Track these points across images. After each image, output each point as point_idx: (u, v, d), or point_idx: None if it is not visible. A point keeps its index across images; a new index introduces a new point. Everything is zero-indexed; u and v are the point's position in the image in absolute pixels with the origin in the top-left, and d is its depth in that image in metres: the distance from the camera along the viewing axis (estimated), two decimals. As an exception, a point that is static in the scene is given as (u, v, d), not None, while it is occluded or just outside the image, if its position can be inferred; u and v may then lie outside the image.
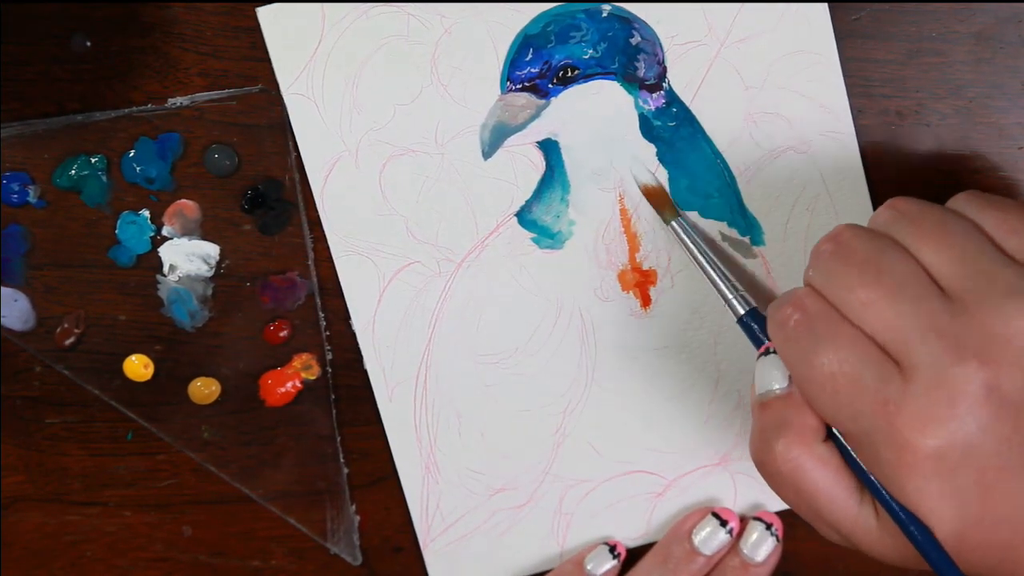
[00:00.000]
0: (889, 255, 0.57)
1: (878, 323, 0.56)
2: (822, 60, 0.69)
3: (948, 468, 0.54)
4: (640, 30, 0.70)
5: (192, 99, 0.72)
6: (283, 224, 0.73)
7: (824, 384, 0.57)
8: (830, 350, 0.57)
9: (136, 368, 0.75)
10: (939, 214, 0.59)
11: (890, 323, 0.56)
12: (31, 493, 0.78)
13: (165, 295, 0.74)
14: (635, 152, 0.71)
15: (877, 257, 0.57)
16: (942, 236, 0.57)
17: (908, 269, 0.57)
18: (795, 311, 0.59)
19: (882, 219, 0.60)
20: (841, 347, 0.56)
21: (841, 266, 0.58)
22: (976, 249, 0.57)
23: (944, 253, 0.57)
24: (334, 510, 0.77)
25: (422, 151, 0.72)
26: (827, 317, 0.57)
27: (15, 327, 0.75)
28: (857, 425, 0.56)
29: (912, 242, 0.58)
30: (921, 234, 0.58)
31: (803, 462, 0.60)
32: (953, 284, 0.56)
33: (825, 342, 0.57)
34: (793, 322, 0.59)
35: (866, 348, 0.56)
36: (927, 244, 0.57)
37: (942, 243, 0.57)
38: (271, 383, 0.75)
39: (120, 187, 0.73)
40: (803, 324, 0.58)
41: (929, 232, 0.58)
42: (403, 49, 0.71)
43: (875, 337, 0.56)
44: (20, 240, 0.74)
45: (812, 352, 0.57)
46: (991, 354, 0.54)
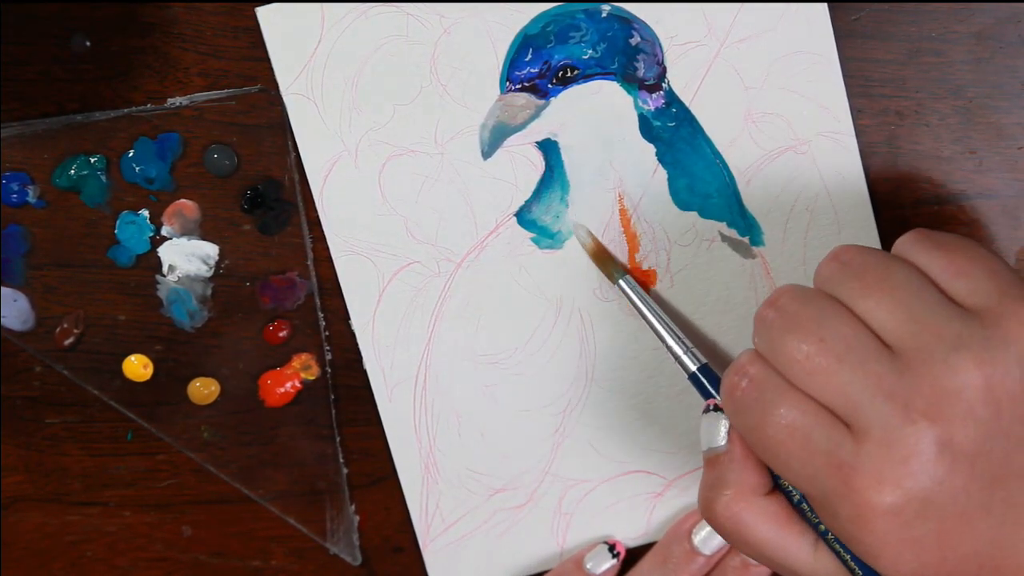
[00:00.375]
0: (831, 319, 0.57)
1: (825, 389, 0.56)
2: (822, 60, 0.69)
3: (905, 521, 0.54)
4: (640, 30, 0.70)
5: (191, 99, 0.72)
6: (283, 224, 0.73)
7: (777, 450, 0.57)
8: (779, 417, 0.57)
9: (135, 368, 0.75)
10: (883, 266, 0.59)
11: (837, 389, 0.56)
12: (31, 493, 0.78)
13: (164, 295, 0.74)
14: (635, 152, 0.71)
15: (819, 322, 0.57)
16: (886, 290, 0.57)
17: (851, 331, 0.57)
18: (742, 378, 0.59)
19: (826, 273, 0.60)
20: (789, 414, 0.57)
21: (784, 334, 0.58)
22: (921, 301, 0.57)
23: (888, 308, 0.57)
24: (334, 510, 0.77)
25: (421, 151, 0.72)
26: (774, 384, 0.58)
27: (15, 327, 0.75)
28: (813, 487, 0.57)
29: (856, 298, 0.58)
30: (864, 289, 0.58)
31: (745, 517, 0.61)
32: (898, 340, 0.56)
33: (773, 409, 0.57)
34: (741, 390, 0.59)
35: (815, 413, 0.56)
36: (870, 299, 0.57)
37: (886, 297, 0.57)
38: (270, 383, 0.75)
39: (119, 187, 0.73)
40: (751, 391, 0.58)
41: (873, 286, 0.58)
42: (403, 49, 0.71)
43: (823, 402, 0.56)
44: (20, 240, 0.74)
45: (762, 419, 0.58)
46: (941, 410, 0.54)
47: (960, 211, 0.71)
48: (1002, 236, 0.71)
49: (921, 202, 0.71)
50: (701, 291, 0.73)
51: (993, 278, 0.58)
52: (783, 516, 0.61)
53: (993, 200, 0.71)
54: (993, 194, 0.71)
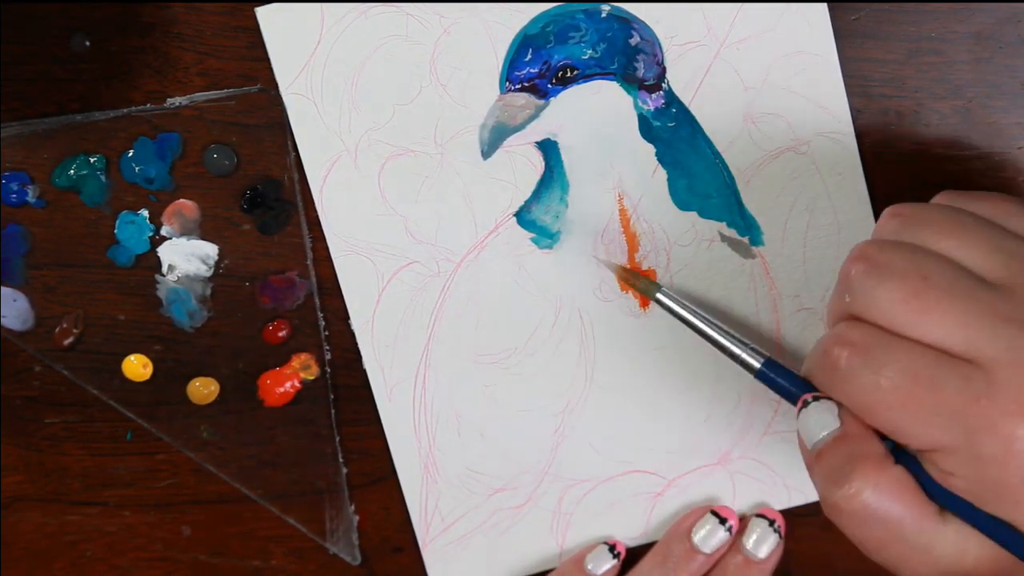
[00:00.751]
0: (926, 258, 0.56)
1: (940, 329, 0.54)
2: (821, 60, 0.70)
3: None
4: (639, 30, 0.70)
5: (191, 99, 0.72)
6: (282, 224, 0.73)
7: (902, 408, 0.55)
8: (898, 371, 0.55)
9: (135, 368, 0.75)
10: (946, 212, 0.58)
11: (954, 322, 0.54)
12: (31, 493, 0.78)
13: (164, 295, 0.74)
14: (634, 152, 0.71)
15: (916, 264, 0.56)
16: (960, 231, 0.57)
17: (949, 268, 0.55)
18: (843, 348, 0.57)
19: (892, 227, 0.59)
20: (910, 362, 0.55)
21: (883, 281, 0.56)
22: (996, 235, 0.57)
23: (971, 246, 0.56)
24: (333, 510, 0.77)
25: (421, 151, 0.72)
26: (881, 340, 0.56)
27: (14, 327, 0.75)
28: (949, 435, 0.54)
29: (936, 242, 0.57)
30: (940, 234, 0.57)
31: (884, 492, 0.57)
32: (991, 273, 0.55)
33: (889, 365, 0.55)
34: (845, 359, 0.56)
35: (935, 356, 0.54)
36: (949, 240, 0.57)
37: (964, 239, 0.56)
38: (270, 383, 0.75)
39: (119, 187, 0.73)
40: (857, 356, 0.56)
41: (948, 230, 0.57)
42: (402, 49, 0.71)
43: (938, 343, 0.54)
44: (19, 240, 0.74)
45: (877, 381, 0.55)
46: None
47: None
48: (1002, 236, 0.71)
49: (921, 202, 0.71)
50: (701, 291, 0.73)
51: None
52: (915, 486, 0.57)
53: (993, 200, 0.71)
54: (967, 190, 0.71)
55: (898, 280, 0.55)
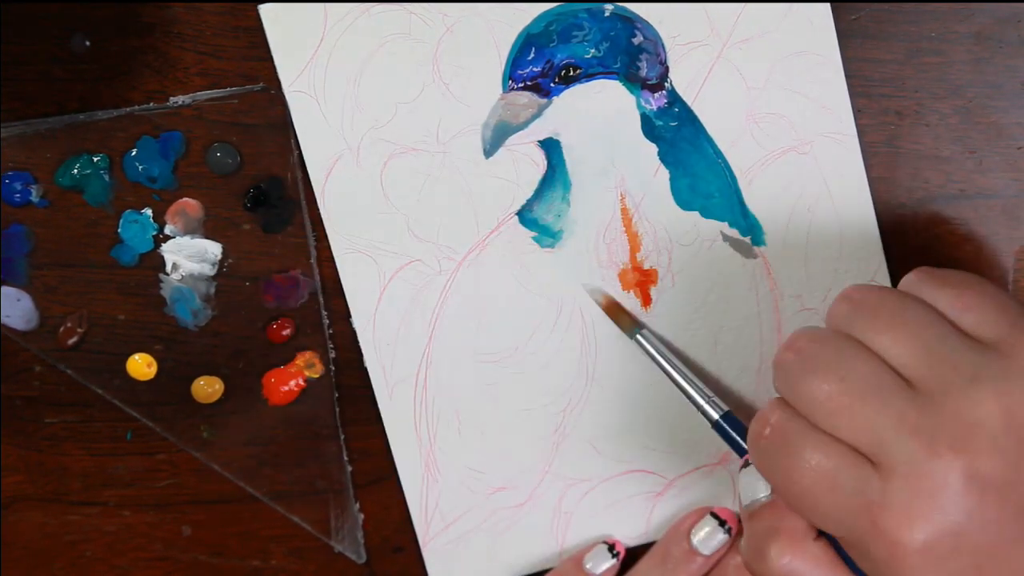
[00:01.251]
0: (850, 358, 0.57)
1: (849, 428, 0.56)
2: (824, 61, 0.70)
3: (939, 557, 0.54)
4: (642, 30, 0.70)
5: (193, 98, 0.72)
6: (285, 222, 0.73)
7: (805, 495, 0.57)
8: (804, 460, 0.57)
9: (139, 367, 0.75)
10: (895, 302, 0.59)
11: (861, 427, 0.56)
12: (31, 493, 0.78)
13: (168, 294, 0.74)
14: (637, 152, 0.71)
15: (839, 361, 0.57)
16: (900, 326, 0.58)
17: (870, 368, 0.57)
18: (764, 427, 0.59)
19: (839, 313, 0.60)
20: (815, 456, 0.57)
21: (804, 375, 0.58)
22: (935, 335, 0.57)
23: (904, 344, 0.57)
24: (338, 508, 0.77)
25: (424, 149, 0.72)
26: (797, 428, 0.58)
27: (18, 327, 0.75)
28: (844, 529, 0.57)
29: (871, 336, 0.58)
30: (879, 326, 0.58)
31: (797, 565, 0.60)
32: (916, 374, 0.56)
33: (798, 453, 0.57)
34: (765, 438, 0.59)
35: (840, 454, 0.56)
36: (886, 335, 0.57)
37: (900, 333, 0.57)
38: (274, 381, 0.75)
39: (122, 186, 0.73)
40: (775, 438, 0.58)
41: (887, 323, 0.58)
42: (405, 47, 0.71)
43: (848, 441, 0.56)
44: (23, 240, 0.74)
45: (788, 464, 0.58)
46: (965, 443, 0.54)
47: (960, 211, 0.71)
48: (1002, 236, 0.71)
49: (921, 202, 0.71)
50: (702, 291, 0.73)
51: (1002, 311, 0.58)
52: (834, 560, 0.61)
53: (993, 200, 0.71)
54: (993, 194, 0.71)
55: (819, 377, 0.57)
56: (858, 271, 0.72)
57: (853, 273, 0.72)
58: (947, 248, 0.71)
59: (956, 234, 0.71)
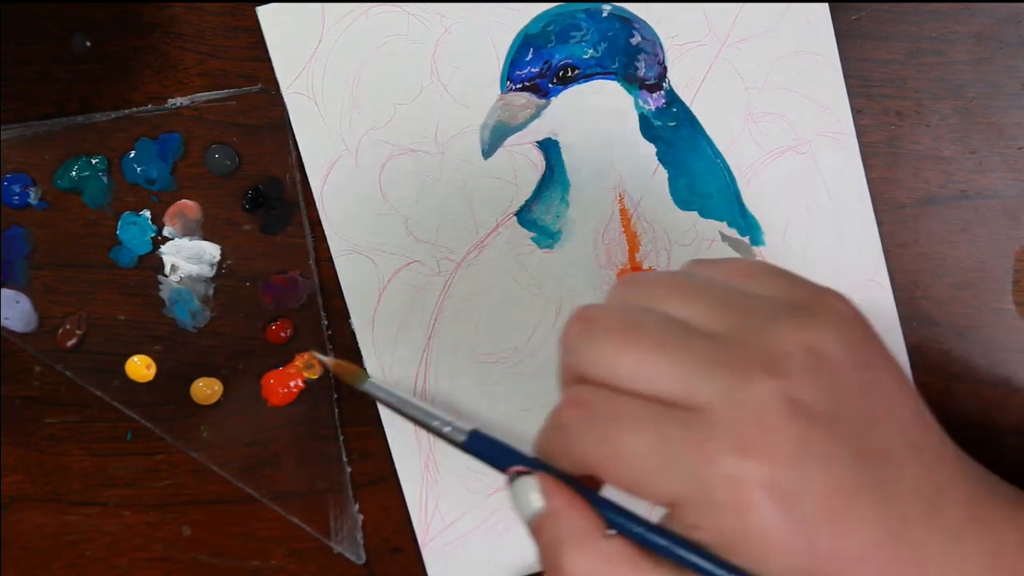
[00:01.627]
0: (640, 316, 0.54)
1: (656, 379, 0.53)
2: (822, 60, 0.70)
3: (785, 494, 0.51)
4: (640, 30, 0.70)
5: (192, 99, 0.72)
6: (284, 224, 0.73)
7: (633, 463, 0.53)
8: (622, 426, 0.53)
9: (138, 369, 0.75)
10: (675, 276, 0.57)
11: (668, 372, 0.53)
12: (31, 493, 0.78)
13: (167, 295, 0.74)
14: (635, 152, 0.71)
15: (629, 318, 0.54)
16: (685, 289, 0.56)
17: (663, 322, 0.54)
18: (569, 410, 0.55)
19: (619, 294, 0.57)
20: (631, 416, 0.53)
21: (598, 338, 0.54)
22: (722, 291, 0.55)
23: (693, 303, 0.55)
24: (337, 509, 0.77)
25: (422, 150, 0.72)
26: (604, 398, 0.54)
27: (17, 328, 0.75)
28: (683, 483, 0.52)
29: (658, 303, 0.55)
30: (664, 294, 0.56)
31: (596, 563, 0.55)
32: (713, 325, 0.54)
33: (613, 420, 0.53)
34: (573, 421, 0.54)
35: (656, 408, 0.53)
36: (673, 300, 0.55)
37: (687, 295, 0.55)
38: (273, 383, 0.75)
39: (121, 188, 0.73)
40: (584, 417, 0.54)
41: (672, 290, 0.56)
42: (403, 48, 0.71)
43: (659, 395, 0.53)
44: (22, 242, 0.74)
45: (605, 437, 0.53)
46: (777, 368, 0.52)
47: (960, 211, 0.71)
48: (1002, 236, 0.71)
49: (921, 202, 0.71)
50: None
51: (779, 273, 0.57)
52: (635, 552, 0.55)
53: (993, 200, 0.71)
54: (993, 194, 0.71)
55: (611, 334, 0.54)
56: (856, 270, 0.72)
57: (851, 272, 0.72)
58: (947, 248, 0.71)
59: (956, 234, 0.71)
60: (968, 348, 0.72)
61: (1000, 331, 0.72)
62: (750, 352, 0.52)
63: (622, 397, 0.53)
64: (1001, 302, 0.72)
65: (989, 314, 0.72)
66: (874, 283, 0.72)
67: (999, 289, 0.72)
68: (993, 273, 0.72)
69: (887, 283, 0.72)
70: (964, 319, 0.72)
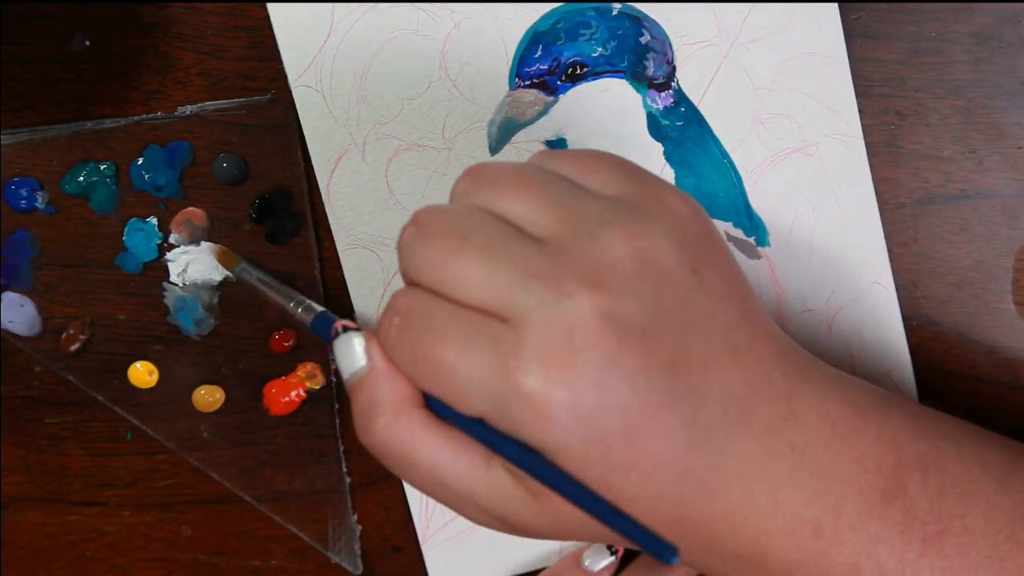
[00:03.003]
0: (471, 218, 0.54)
1: (475, 288, 0.53)
2: (831, 62, 0.70)
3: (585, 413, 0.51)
4: (650, 29, 0.70)
5: (201, 107, 0.72)
6: (292, 234, 0.73)
7: (441, 372, 0.53)
8: (435, 334, 0.53)
9: (141, 375, 0.75)
10: (516, 168, 0.56)
11: (487, 282, 0.53)
12: (31, 493, 0.78)
13: (171, 303, 0.74)
14: (642, 151, 0.71)
15: (459, 223, 0.54)
16: (524, 185, 0.55)
17: (493, 226, 0.54)
18: (393, 315, 0.55)
19: (461, 188, 0.57)
20: (444, 325, 0.53)
21: (425, 245, 0.54)
22: (560, 190, 0.55)
23: (528, 202, 0.54)
24: (335, 518, 0.77)
25: (429, 146, 0.72)
26: (424, 305, 0.54)
27: (21, 332, 0.74)
28: (487, 399, 0.53)
29: (495, 201, 0.55)
30: (502, 191, 0.55)
31: (407, 434, 0.56)
32: (543, 228, 0.54)
33: (428, 331, 0.54)
34: (395, 327, 0.55)
35: (470, 318, 0.53)
36: (510, 197, 0.55)
37: (524, 192, 0.55)
38: (275, 392, 0.75)
39: (128, 194, 0.73)
40: (404, 325, 0.55)
41: (509, 186, 0.55)
42: (412, 43, 0.71)
43: (477, 303, 0.53)
44: (27, 246, 0.74)
45: (419, 345, 0.54)
46: (597, 281, 0.52)
47: (960, 211, 0.71)
48: (1002, 236, 0.72)
49: (921, 202, 0.71)
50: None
51: (623, 169, 0.57)
52: (448, 429, 0.56)
53: (993, 200, 0.71)
54: (993, 194, 0.71)
55: (438, 240, 0.54)
56: (862, 272, 0.72)
57: (857, 274, 0.72)
58: (947, 248, 0.72)
59: (956, 234, 0.72)
60: (968, 348, 0.73)
61: (1000, 331, 0.72)
62: (573, 263, 0.52)
63: (440, 307, 0.54)
64: (1001, 302, 0.72)
65: (989, 314, 0.72)
66: (879, 286, 0.72)
67: (999, 289, 0.72)
68: (993, 273, 0.72)
69: (892, 287, 0.72)
70: (964, 319, 0.72)
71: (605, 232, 0.53)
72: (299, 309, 0.67)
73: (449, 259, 0.53)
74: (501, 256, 0.53)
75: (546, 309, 0.51)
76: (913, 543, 0.58)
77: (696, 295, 0.54)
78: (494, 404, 0.53)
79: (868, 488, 0.57)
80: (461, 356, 0.53)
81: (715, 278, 0.55)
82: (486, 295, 0.53)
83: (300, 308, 0.67)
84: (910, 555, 0.58)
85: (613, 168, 0.57)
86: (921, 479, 0.58)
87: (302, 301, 0.68)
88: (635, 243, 0.53)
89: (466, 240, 0.53)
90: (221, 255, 0.73)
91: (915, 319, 0.72)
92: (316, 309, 0.67)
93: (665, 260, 0.54)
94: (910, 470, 0.58)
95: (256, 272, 0.72)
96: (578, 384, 0.51)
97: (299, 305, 0.68)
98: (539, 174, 0.56)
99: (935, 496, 0.58)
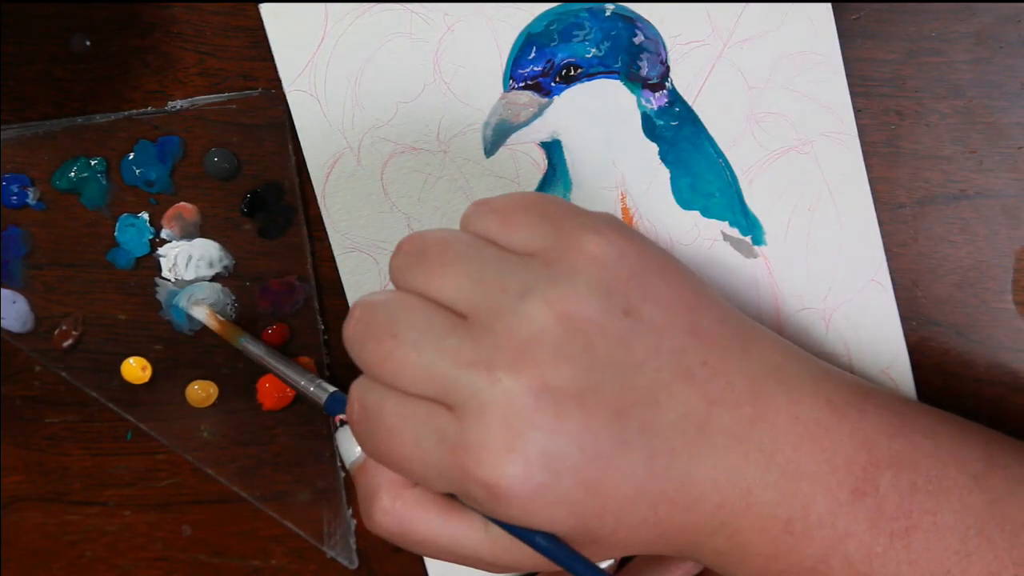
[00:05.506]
0: (401, 311, 0.57)
1: (416, 381, 0.55)
2: (825, 60, 0.69)
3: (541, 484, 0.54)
4: (643, 29, 0.70)
5: (192, 102, 0.72)
6: (283, 228, 0.73)
7: (403, 466, 0.57)
8: (387, 427, 0.57)
9: (134, 371, 0.75)
10: (440, 242, 0.58)
11: (424, 375, 0.55)
12: (31, 493, 0.78)
13: (163, 298, 0.74)
14: (637, 151, 0.71)
15: (390, 320, 0.56)
16: (448, 263, 0.57)
17: (421, 316, 0.56)
18: (352, 404, 0.58)
19: (395, 265, 0.59)
20: (392, 419, 0.56)
21: (364, 344, 0.57)
22: (481, 264, 0.57)
23: (452, 280, 0.57)
24: (330, 514, 0.77)
25: (424, 149, 0.72)
26: (376, 400, 0.57)
27: (14, 329, 0.75)
28: (444, 483, 0.56)
29: (424, 284, 0.57)
30: (427, 269, 0.57)
31: (405, 513, 0.60)
32: (469, 307, 0.56)
33: (380, 421, 0.57)
34: (355, 415, 0.58)
35: (415, 410, 0.56)
36: (434, 277, 0.57)
37: (449, 270, 0.57)
38: (269, 387, 0.75)
39: (119, 190, 0.73)
40: (361, 413, 0.58)
41: (434, 264, 0.57)
42: (406, 46, 0.70)
43: (419, 394, 0.56)
44: (19, 242, 0.74)
45: (376, 436, 0.57)
46: (524, 359, 0.54)
47: (960, 211, 0.71)
48: (1002, 236, 0.71)
49: (921, 202, 0.71)
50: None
51: (546, 219, 0.58)
52: (442, 501, 0.60)
53: (993, 200, 0.71)
54: (993, 194, 0.71)
55: (374, 341, 0.57)
56: (858, 271, 0.72)
57: (853, 273, 0.72)
58: (947, 248, 0.71)
59: (956, 234, 0.71)
60: (968, 347, 0.72)
61: (1000, 331, 0.72)
62: (500, 344, 0.54)
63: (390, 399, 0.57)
64: (1001, 302, 0.72)
65: (989, 314, 0.72)
66: (876, 284, 0.72)
67: (999, 288, 0.72)
68: (993, 272, 0.72)
69: (888, 284, 0.72)
70: (964, 319, 0.72)
71: (527, 304, 0.55)
72: (311, 387, 0.69)
73: (386, 360, 0.56)
74: (433, 349, 0.55)
75: (482, 396, 0.54)
76: (880, 538, 0.59)
77: (632, 336, 0.56)
78: (455, 488, 0.56)
79: (838, 486, 0.58)
80: (414, 451, 0.56)
81: (651, 309, 0.57)
82: (427, 386, 0.55)
83: (312, 386, 0.69)
84: (877, 549, 0.59)
85: (535, 221, 0.58)
86: (893, 476, 0.59)
87: (312, 379, 0.70)
88: (557, 307, 0.55)
89: (397, 339, 0.56)
90: (222, 328, 0.73)
91: (915, 319, 0.72)
92: (328, 389, 0.69)
93: (591, 314, 0.55)
94: (883, 468, 0.59)
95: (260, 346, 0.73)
96: (526, 462, 0.54)
97: (311, 383, 0.69)
98: (463, 247, 0.58)
99: (907, 493, 0.59)
